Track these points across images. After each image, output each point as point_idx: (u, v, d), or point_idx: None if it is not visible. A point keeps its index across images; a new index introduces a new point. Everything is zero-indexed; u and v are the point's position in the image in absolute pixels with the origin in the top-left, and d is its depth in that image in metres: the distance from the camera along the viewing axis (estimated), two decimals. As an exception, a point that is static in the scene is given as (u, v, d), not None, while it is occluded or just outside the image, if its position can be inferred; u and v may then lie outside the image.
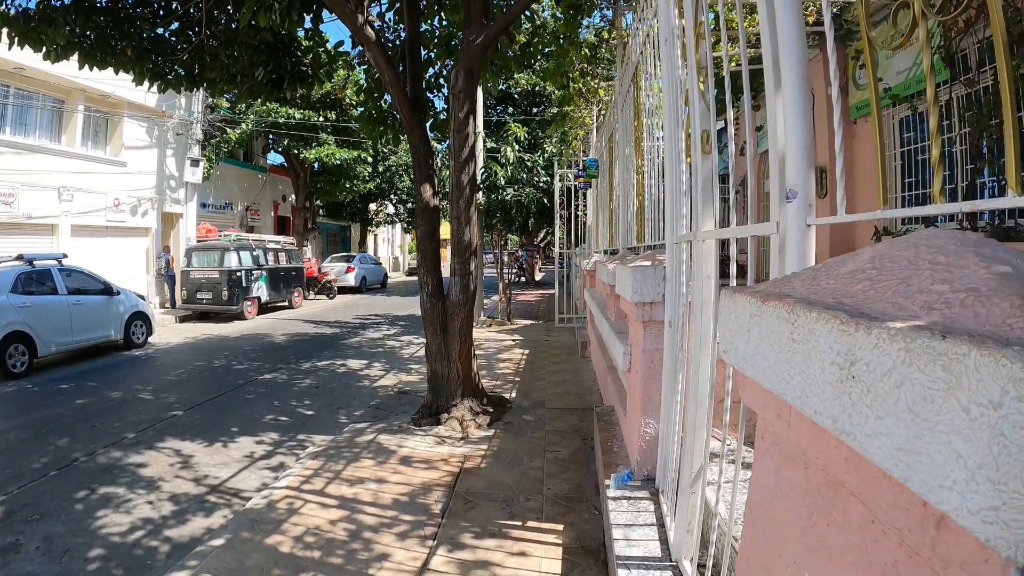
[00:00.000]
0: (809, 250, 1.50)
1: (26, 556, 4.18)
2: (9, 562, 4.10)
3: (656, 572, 2.62)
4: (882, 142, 1.29)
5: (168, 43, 7.95)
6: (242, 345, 13.32)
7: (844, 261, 1.08)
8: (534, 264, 32.95)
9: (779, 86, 1.61)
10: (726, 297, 1.32)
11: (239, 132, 22.18)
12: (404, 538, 4.10)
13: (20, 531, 4.52)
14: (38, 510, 4.88)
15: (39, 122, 16.86)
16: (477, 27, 6.48)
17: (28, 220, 15.63)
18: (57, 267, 11.76)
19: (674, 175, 2.98)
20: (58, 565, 4.08)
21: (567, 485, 4.86)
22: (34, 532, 4.51)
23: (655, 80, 4.26)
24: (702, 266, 2.40)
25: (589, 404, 7.05)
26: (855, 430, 0.77)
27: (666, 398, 3.15)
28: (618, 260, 5.42)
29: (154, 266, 19.75)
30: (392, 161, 31.10)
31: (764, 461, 1.34)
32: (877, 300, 0.83)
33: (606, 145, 9.05)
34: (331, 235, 37.75)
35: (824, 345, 0.85)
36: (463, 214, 6.76)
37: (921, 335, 0.66)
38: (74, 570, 4.04)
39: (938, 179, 1.13)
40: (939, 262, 0.85)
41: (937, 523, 0.71)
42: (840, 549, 0.98)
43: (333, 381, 9.58)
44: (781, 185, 1.57)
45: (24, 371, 10.24)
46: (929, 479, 0.65)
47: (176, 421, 7.41)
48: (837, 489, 0.99)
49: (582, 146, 15.09)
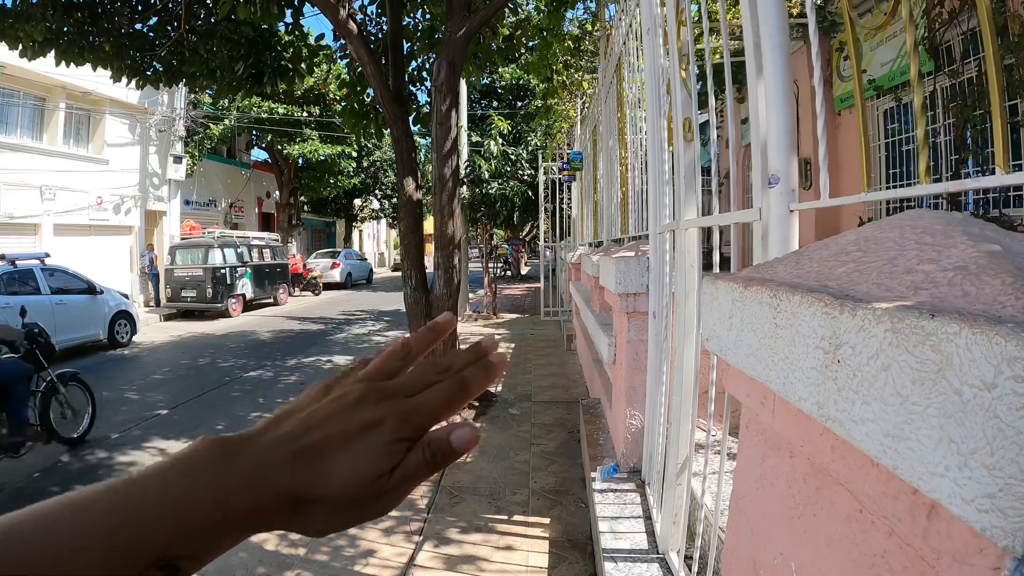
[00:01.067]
0: (792, 236, 1.47)
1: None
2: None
3: (643, 564, 2.60)
4: (866, 129, 1.26)
5: (146, 38, 7.85)
6: (227, 343, 13.22)
7: (827, 244, 1.05)
8: (520, 258, 32.93)
9: (760, 71, 1.58)
10: (708, 284, 1.29)
11: (222, 128, 21.97)
12: (390, 534, 4.07)
13: None
14: (19, 512, 4.80)
15: (20, 120, 16.58)
16: (459, 19, 6.43)
17: (10, 220, 15.38)
18: (40, 266, 11.59)
19: (656, 164, 2.95)
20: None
21: (553, 478, 4.84)
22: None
23: (638, 72, 4.23)
24: (685, 255, 2.38)
25: (575, 397, 7.03)
26: (841, 416, 0.74)
27: (651, 389, 3.13)
28: (602, 252, 5.40)
29: (138, 264, 19.52)
30: (377, 156, 30.96)
31: (749, 451, 1.31)
32: (862, 282, 0.80)
33: (590, 138, 9.03)
34: (316, 231, 37.54)
35: (808, 329, 0.81)
36: (446, 207, 6.71)
37: (909, 315, 0.63)
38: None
39: (923, 160, 1.11)
40: (925, 242, 0.83)
41: (928, 512, 0.68)
42: (827, 539, 0.95)
43: (319, 377, 9.37)
44: (763, 171, 1.54)
45: (5, 372, 10.09)
46: (919, 466, 0.62)
47: (161, 420, 7.33)
48: (823, 478, 0.96)
49: (566, 139, 15.07)
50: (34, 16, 6.53)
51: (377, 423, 0.45)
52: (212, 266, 17.24)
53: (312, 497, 0.44)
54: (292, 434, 0.45)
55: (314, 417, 0.46)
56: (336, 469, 0.44)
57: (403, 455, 0.46)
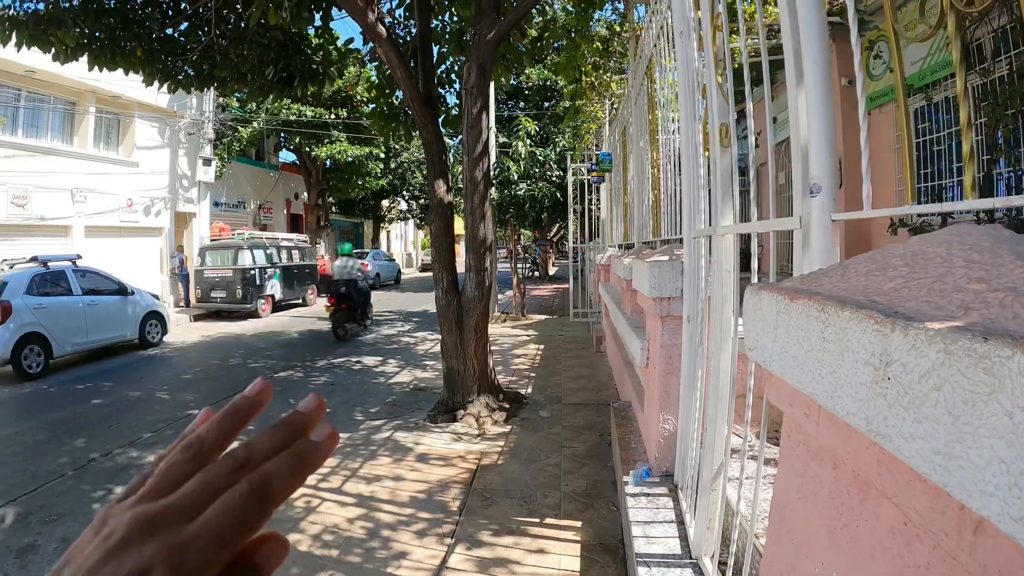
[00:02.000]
0: (834, 245, 1.47)
1: (44, 557, 4.20)
2: (28, 563, 4.12)
3: (676, 570, 2.61)
4: (910, 140, 1.26)
5: (177, 43, 7.98)
6: (257, 343, 13.37)
7: (873, 258, 1.06)
8: (548, 259, 32.88)
9: (801, 78, 1.58)
10: (751, 294, 1.30)
11: (250, 131, 22.23)
12: (422, 536, 4.11)
13: (38, 532, 4.55)
14: (55, 511, 4.91)
15: (51, 124, 16.96)
16: (489, 22, 6.46)
17: (42, 222, 15.74)
18: (71, 268, 11.82)
19: (691, 169, 2.95)
20: (78, 564, 4.11)
21: (585, 481, 4.85)
22: (51, 533, 4.53)
23: (669, 73, 4.22)
24: (722, 261, 2.38)
25: (605, 399, 7.03)
26: (891, 432, 0.75)
27: (685, 394, 3.13)
28: (634, 255, 5.39)
29: (168, 265, 19.85)
30: (404, 157, 31.10)
31: (791, 460, 1.32)
32: (911, 299, 0.81)
33: (619, 139, 9.01)
34: (344, 232, 37.78)
35: (858, 345, 0.83)
36: (477, 210, 6.74)
37: (962, 337, 0.64)
38: (94, 570, 4.06)
39: (968, 175, 1.11)
40: (974, 260, 0.83)
41: (975, 527, 0.69)
42: (871, 551, 0.96)
43: (348, 378, 9.60)
44: (804, 179, 1.55)
45: (40, 372, 10.32)
46: (969, 484, 0.63)
47: (192, 420, 7.43)
48: (868, 490, 0.97)
49: (594, 140, 15.04)
50: (66, 22, 6.66)
51: (143, 572, 0.33)
52: (242, 267, 17.45)
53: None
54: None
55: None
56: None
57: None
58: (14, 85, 15.56)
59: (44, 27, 6.74)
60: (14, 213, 15.08)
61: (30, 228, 15.52)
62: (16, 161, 15.13)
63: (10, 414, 8.05)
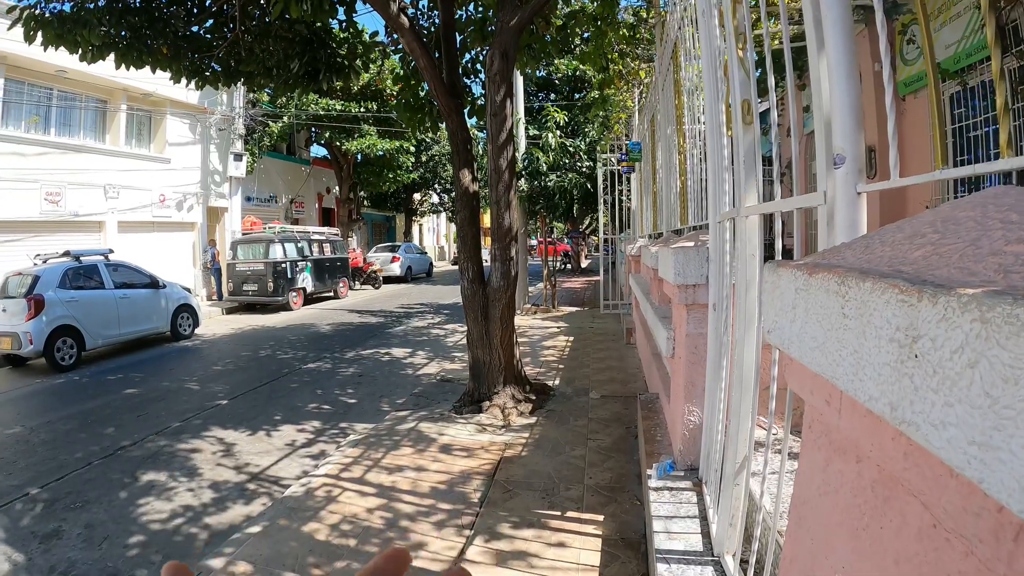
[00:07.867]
0: (860, 219, 1.36)
1: (67, 542, 4.24)
2: (51, 548, 4.16)
3: (696, 567, 2.50)
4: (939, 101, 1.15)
5: (203, 40, 8.02)
6: (287, 335, 13.46)
7: (901, 227, 0.94)
8: (580, 251, 32.63)
9: (822, 45, 1.47)
10: (769, 271, 1.19)
11: (281, 126, 22.40)
12: (441, 527, 4.04)
13: (63, 518, 4.60)
14: (81, 498, 4.96)
15: (83, 122, 17.23)
16: (511, 9, 6.36)
17: (75, 218, 16.01)
18: (104, 262, 12.03)
19: (715, 150, 2.83)
20: (98, 551, 4.13)
21: (609, 474, 4.75)
22: (76, 519, 4.58)
23: (695, 60, 4.10)
24: (746, 244, 2.26)
25: (633, 392, 6.92)
26: (918, 419, 0.65)
27: (710, 384, 3.02)
28: (662, 243, 5.27)
29: (200, 259, 20.11)
30: (435, 151, 31.11)
31: (811, 454, 1.21)
32: (942, 266, 0.70)
33: (648, 127, 8.85)
34: (376, 225, 38.00)
35: (881, 320, 0.72)
36: (502, 198, 6.66)
37: (1001, 302, 0.53)
38: (114, 556, 4.08)
39: (1004, 131, 0.99)
40: (1011, 220, 0.72)
41: (1016, 534, 0.58)
42: (895, 556, 0.85)
43: (376, 370, 9.59)
44: (828, 150, 1.43)
45: (72, 364, 10.53)
46: (1010, 481, 0.52)
47: (220, 410, 7.49)
48: (894, 488, 0.86)
49: (624, 129, 14.86)
50: (91, 22, 6.70)
51: None
52: (273, 260, 17.60)
53: None
54: None
55: None
56: None
57: None
58: (46, 84, 15.80)
59: (69, 26, 6.77)
60: (48, 210, 15.33)
61: (64, 224, 15.77)
62: (49, 159, 15.37)
63: (42, 404, 8.17)
